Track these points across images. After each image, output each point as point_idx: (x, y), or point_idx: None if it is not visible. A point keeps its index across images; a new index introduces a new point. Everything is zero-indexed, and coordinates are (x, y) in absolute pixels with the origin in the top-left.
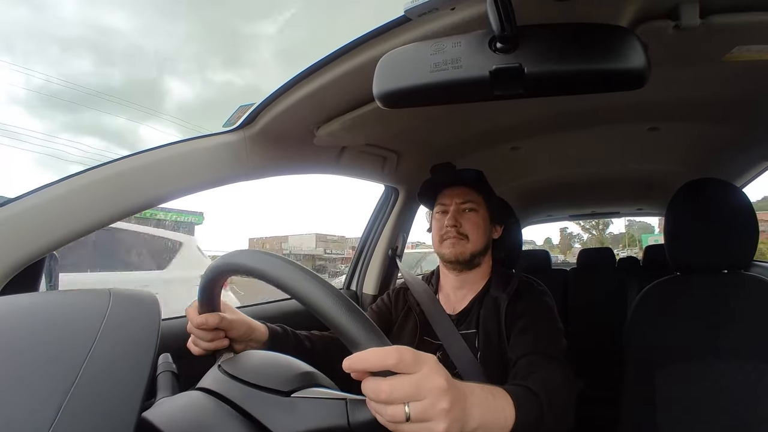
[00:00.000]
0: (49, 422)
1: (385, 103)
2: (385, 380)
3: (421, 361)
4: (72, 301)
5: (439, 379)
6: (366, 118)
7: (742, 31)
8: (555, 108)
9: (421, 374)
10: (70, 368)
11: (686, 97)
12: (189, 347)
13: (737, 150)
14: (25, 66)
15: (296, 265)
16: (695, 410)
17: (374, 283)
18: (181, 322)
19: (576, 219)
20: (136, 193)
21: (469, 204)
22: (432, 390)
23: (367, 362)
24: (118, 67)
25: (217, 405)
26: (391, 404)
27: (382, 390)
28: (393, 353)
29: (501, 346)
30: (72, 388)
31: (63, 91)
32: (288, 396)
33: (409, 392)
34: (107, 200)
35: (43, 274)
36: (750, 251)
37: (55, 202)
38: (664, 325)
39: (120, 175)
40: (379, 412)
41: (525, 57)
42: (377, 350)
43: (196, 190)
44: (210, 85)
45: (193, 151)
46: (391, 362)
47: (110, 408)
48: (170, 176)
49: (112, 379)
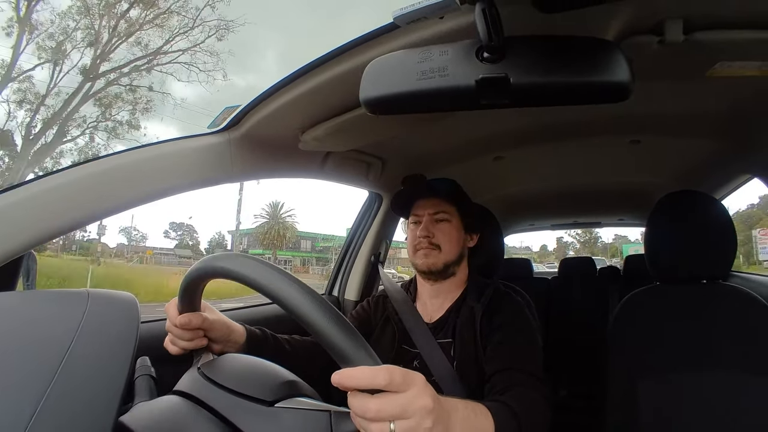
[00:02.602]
0: (24, 423)
1: (371, 109)
2: (373, 398)
3: (410, 381)
4: (49, 301)
5: (426, 399)
6: (352, 124)
7: (724, 48)
8: (539, 119)
9: (410, 394)
10: (46, 370)
11: (669, 110)
12: (166, 346)
13: (718, 163)
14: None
15: (287, 274)
16: (677, 419)
17: (356, 289)
18: (160, 325)
19: (558, 228)
20: (117, 192)
21: (442, 214)
22: (419, 410)
23: (358, 380)
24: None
25: (196, 411)
26: (377, 421)
27: (369, 409)
28: (384, 373)
29: (477, 355)
30: (47, 390)
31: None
32: (271, 406)
33: (397, 411)
34: (88, 198)
35: (20, 272)
36: (728, 262)
37: (35, 200)
38: (644, 333)
39: (102, 173)
40: (364, 428)
41: (511, 67)
42: (368, 369)
43: (179, 191)
44: (211, 87)
45: (177, 152)
46: (382, 382)
47: (87, 412)
48: (153, 176)
49: (89, 382)
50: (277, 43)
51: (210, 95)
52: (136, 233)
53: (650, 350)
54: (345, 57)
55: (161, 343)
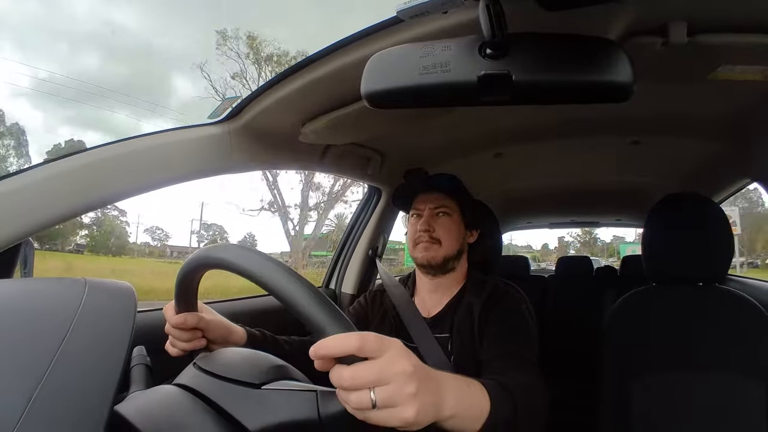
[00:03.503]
0: (19, 412)
1: (372, 103)
2: (348, 366)
3: (385, 345)
4: (46, 289)
5: (404, 362)
6: (353, 117)
7: (728, 51)
8: (540, 117)
9: (385, 358)
10: (42, 357)
11: (670, 112)
12: (167, 349)
13: (717, 167)
14: (33, 61)
15: (261, 253)
16: (671, 420)
17: (353, 283)
18: (157, 315)
19: (556, 227)
20: (115, 182)
21: (442, 209)
22: (397, 374)
23: (330, 348)
24: (126, 64)
25: (189, 399)
26: (355, 390)
27: (343, 377)
28: (355, 337)
29: (474, 350)
30: (44, 377)
31: (67, 86)
32: (258, 388)
33: (373, 377)
34: (86, 187)
35: (17, 260)
36: (725, 265)
37: (33, 188)
38: (639, 334)
39: (100, 162)
40: (345, 400)
41: (514, 64)
42: (340, 335)
43: (177, 181)
44: (217, 84)
45: (177, 142)
46: (354, 346)
47: (83, 400)
48: (152, 166)
49: (85, 370)
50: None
51: None
52: (159, 232)
53: (644, 350)
54: (347, 50)
55: (158, 333)
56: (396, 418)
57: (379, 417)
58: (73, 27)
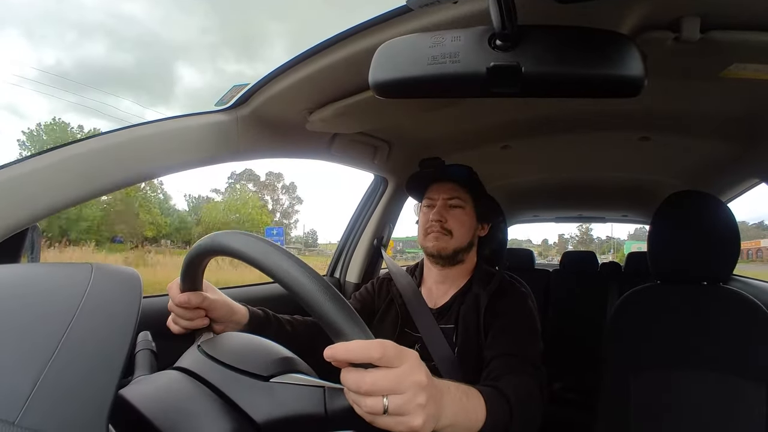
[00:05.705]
0: (25, 395)
1: (379, 92)
2: (368, 372)
3: (404, 356)
4: (53, 274)
5: (419, 374)
6: (360, 107)
7: (740, 49)
8: (548, 110)
9: (403, 369)
10: (48, 342)
11: (681, 109)
12: (169, 326)
13: (726, 166)
14: (40, 47)
15: (283, 250)
16: (669, 418)
17: (358, 272)
18: (163, 301)
19: (562, 221)
20: (122, 168)
21: (456, 200)
22: (412, 385)
23: (351, 353)
24: (132, 53)
25: (194, 386)
26: (370, 396)
27: (364, 382)
28: (377, 346)
29: (478, 342)
30: (50, 362)
31: (73, 72)
32: (266, 380)
33: (390, 386)
34: (93, 173)
35: (24, 245)
36: (730, 265)
37: (39, 174)
38: (642, 331)
39: (107, 148)
40: (358, 403)
41: (523, 56)
42: (362, 342)
43: (184, 168)
44: (221, 75)
45: (183, 129)
46: (376, 355)
47: (88, 384)
48: (158, 153)
49: (90, 355)
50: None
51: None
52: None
53: (645, 348)
54: (356, 38)
55: (162, 318)
56: (403, 425)
57: (387, 422)
58: (82, 16)
